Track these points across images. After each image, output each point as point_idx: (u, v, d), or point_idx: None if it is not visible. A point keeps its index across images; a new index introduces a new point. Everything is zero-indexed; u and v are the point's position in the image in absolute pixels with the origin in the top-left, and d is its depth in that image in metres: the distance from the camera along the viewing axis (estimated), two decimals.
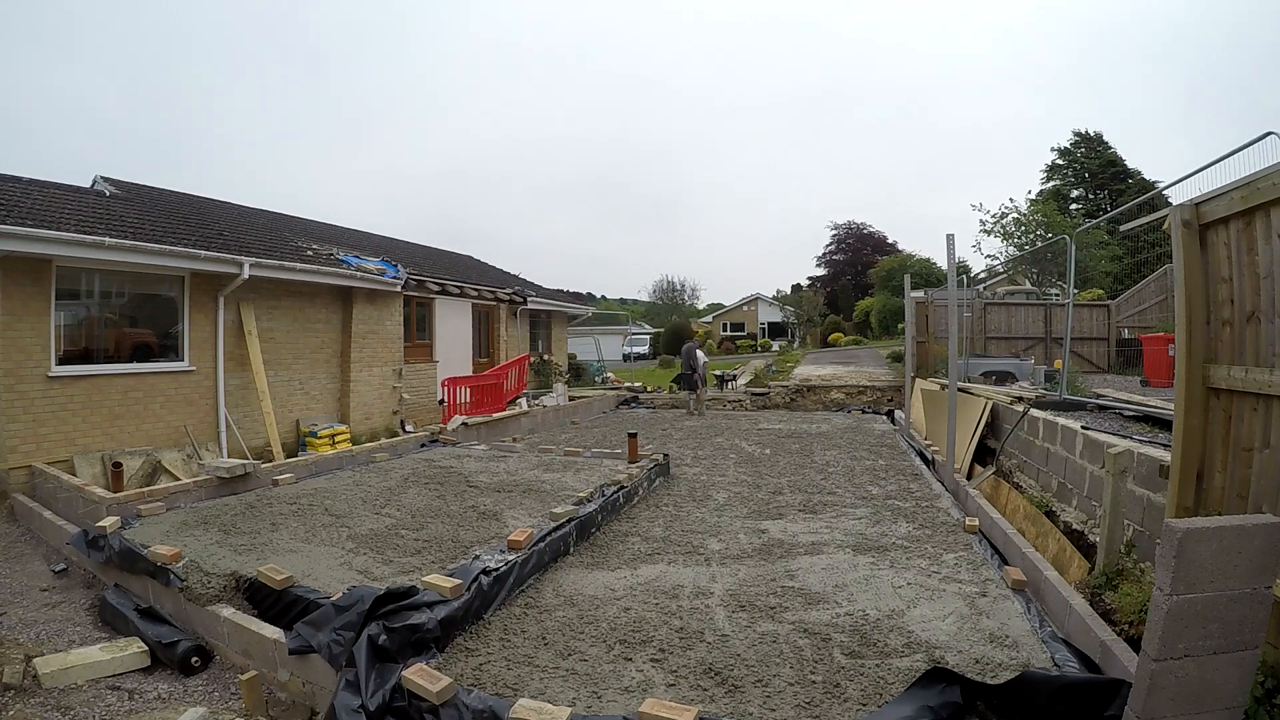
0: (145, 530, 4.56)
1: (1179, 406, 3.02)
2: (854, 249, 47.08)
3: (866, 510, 5.34)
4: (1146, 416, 5.97)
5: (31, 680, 3.05)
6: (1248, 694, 2.02)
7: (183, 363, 7.57)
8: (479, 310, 13.28)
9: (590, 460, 7.11)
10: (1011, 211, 23.61)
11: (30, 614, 3.86)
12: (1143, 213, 7.27)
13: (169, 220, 8.26)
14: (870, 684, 2.63)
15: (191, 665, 3.27)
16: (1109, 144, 35.47)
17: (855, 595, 3.57)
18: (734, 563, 4.13)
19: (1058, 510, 5.62)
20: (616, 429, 10.43)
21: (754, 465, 7.31)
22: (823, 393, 13.51)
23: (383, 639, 2.74)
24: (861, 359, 20.65)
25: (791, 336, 43.11)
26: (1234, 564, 1.87)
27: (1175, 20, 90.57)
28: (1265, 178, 2.56)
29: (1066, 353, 8.47)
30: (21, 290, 6.16)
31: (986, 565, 3.99)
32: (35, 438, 6.21)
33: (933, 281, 25.45)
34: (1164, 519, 2.69)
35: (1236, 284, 2.76)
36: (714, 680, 2.70)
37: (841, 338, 34.60)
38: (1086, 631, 2.82)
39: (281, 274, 8.27)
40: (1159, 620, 1.89)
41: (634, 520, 5.15)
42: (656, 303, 59.47)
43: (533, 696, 2.52)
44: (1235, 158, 4.94)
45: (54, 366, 6.39)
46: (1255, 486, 2.61)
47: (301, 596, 3.34)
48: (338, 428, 9.00)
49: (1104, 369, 14.81)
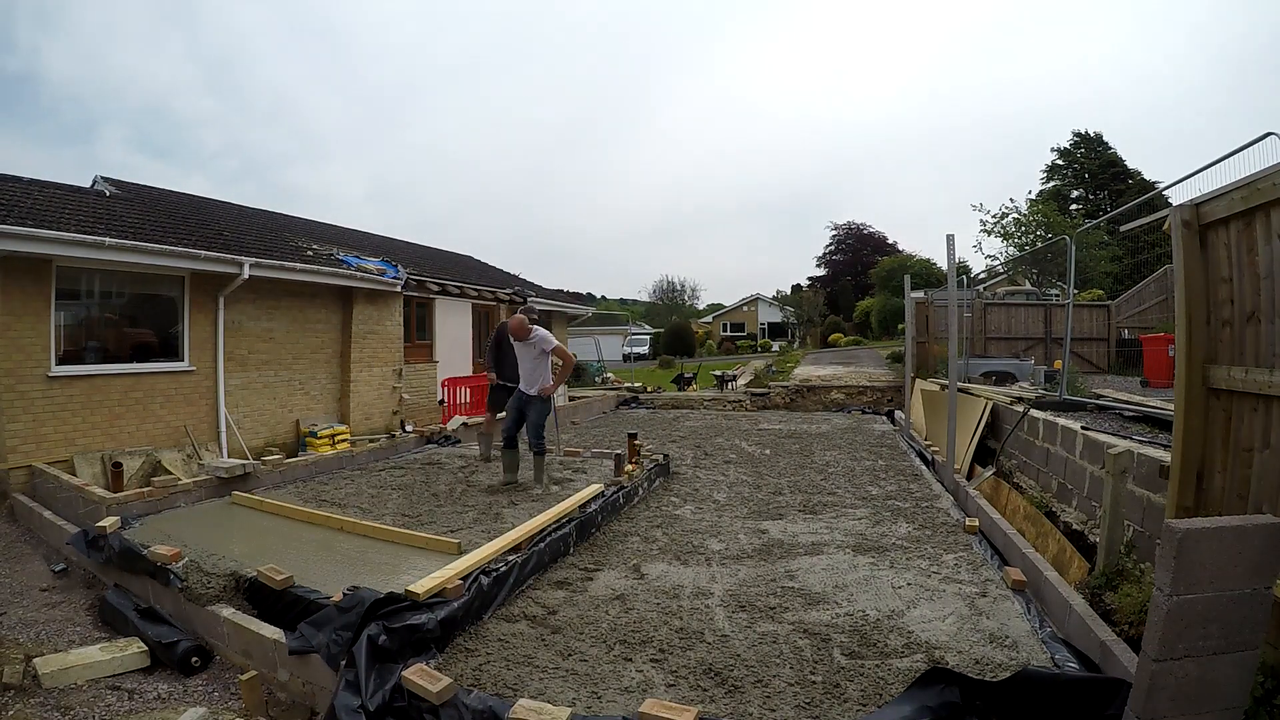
0: (145, 530, 4.57)
1: (1179, 407, 3.02)
2: (854, 249, 47.07)
3: (866, 510, 5.34)
4: (1146, 417, 5.98)
5: (31, 680, 3.05)
6: (1248, 694, 2.02)
7: (183, 363, 7.57)
8: (479, 310, 13.29)
9: (590, 460, 7.11)
10: (1012, 212, 23.64)
11: (30, 614, 3.86)
12: (1143, 213, 7.27)
13: (169, 220, 8.26)
14: (870, 684, 2.63)
15: (191, 665, 3.27)
16: (1109, 144, 35.52)
17: (855, 595, 3.57)
18: (734, 563, 4.13)
19: (1058, 510, 5.62)
20: (616, 429, 10.42)
21: (754, 465, 7.31)
22: (823, 393, 13.51)
23: (382, 639, 2.73)
24: (861, 359, 20.64)
25: (791, 337, 43.13)
26: (1234, 564, 1.87)
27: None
28: (1265, 178, 2.56)
29: (1066, 353, 8.47)
30: (21, 290, 6.16)
31: (986, 565, 3.99)
32: (35, 438, 6.21)
33: (933, 282, 25.44)
34: (1164, 519, 2.68)
35: (1236, 284, 2.76)
36: (714, 680, 2.70)
37: (841, 338, 34.59)
38: (1086, 632, 2.82)
39: (282, 274, 8.27)
40: (1159, 620, 1.89)
41: (634, 520, 5.15)
42: (656, 303, 59.49)
43: (533, 697, 2.52)
44: (1235, 158, 4.94)
45: (54, 366, 6.38)
46: (1255, 487, 2.61)
47: (302, 597, 3.34)
48: (338, 428, 8.99)
49: (1104, 369, 14.82)
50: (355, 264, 9.76)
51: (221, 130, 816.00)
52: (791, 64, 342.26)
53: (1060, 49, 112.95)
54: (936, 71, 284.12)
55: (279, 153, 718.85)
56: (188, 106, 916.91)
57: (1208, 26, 78.04)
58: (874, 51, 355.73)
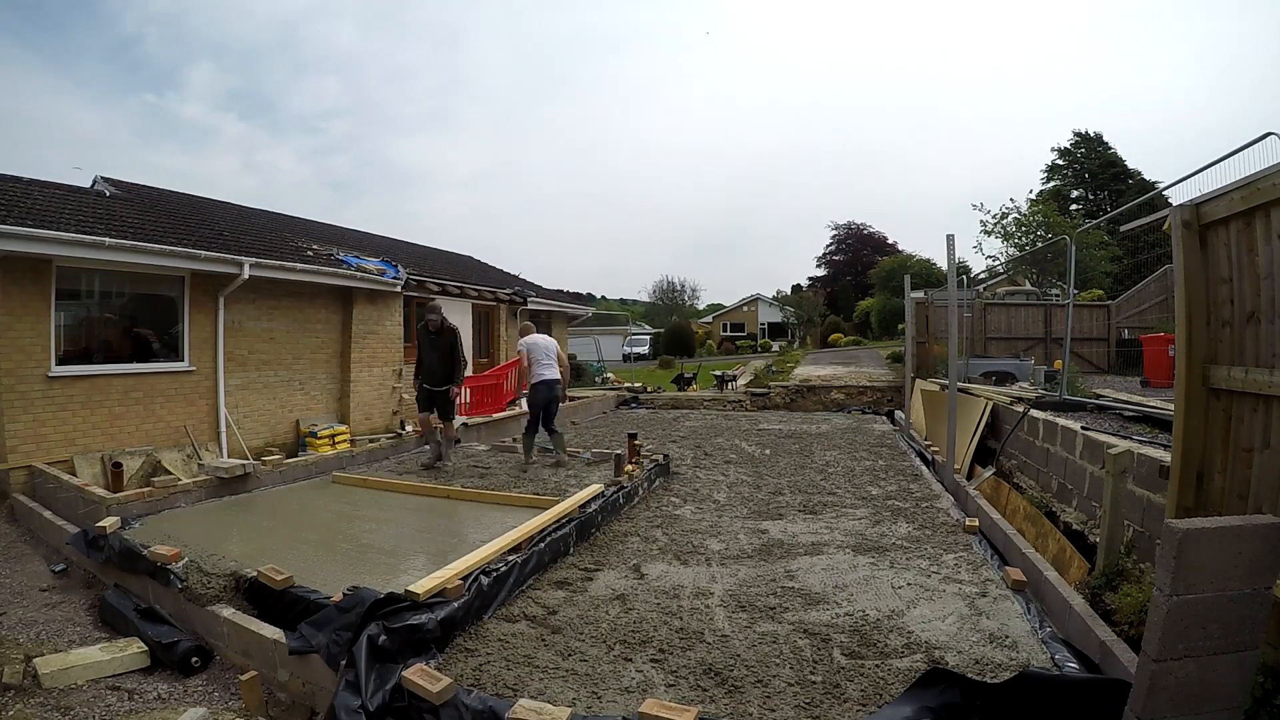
0: (145, 530, 4.57)
1: (1179, 407, 3.02)
2: (854, 249, 47.11)
3: (866, 510, 5.34)
4: (1146, 417, 5.98)
5: (31, 680, 3.05)
6: (1248, 694, 2.02)
7: (183, 363, 7.57)
8: (479, 310, 13.29)
9: (590, 460, 7.11)
10: (1012, 212, 23.64)
11: (30, 614, 3.86)
12: (1143, 213, 7.27)
13: (169, 220, 8.26)
14: (870, 684, 2.63)
15: (191, 665, 3.26)
16: (1109, 144, 35.51)
17: (855, 595, 3.57)
18: (734, 563, 4.13)
19: (1058, 510, 5.62)
20: (616, 429, 10.42)
21: (754, 465, 7.31)
22: (823, 393, 13.51)
23: (383, 639, 2.73)
24: (861, 359, 20.65)
25: (791, 337, 43.13)
26: (1234, 564, 1.87)
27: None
28: (1265, 178, 2.56)
29: (1067, 353, 8.47)
30: (21, 290, 6.16)
31: (986, 565, 3.99)
32: (35, 438, 6.21)
33: (933, 282, 25.44)
34: (1164, 519, 2.68)
35: (1237, 284, 2.76)
36: (714, 680, 2.70)
37: (841, 338, 34.60)
38: (1086, 632, 2.82)
39: (282, 274, 8.27)
40: (1159, 621, 1.89)
41: (634, 520, 5.15)
42: (656, 303, 59.48)
43: (533, 697, 2.52)
44: (1235, 158, 4.94)
45: (54, 366, 6.39)
46: (1255, 487, 2.61)
47: (302, 597, 3.34)
48: (338, 428, 9.00)
49: (1104, 369, 14.82)
50: (355, 264, 9.76)
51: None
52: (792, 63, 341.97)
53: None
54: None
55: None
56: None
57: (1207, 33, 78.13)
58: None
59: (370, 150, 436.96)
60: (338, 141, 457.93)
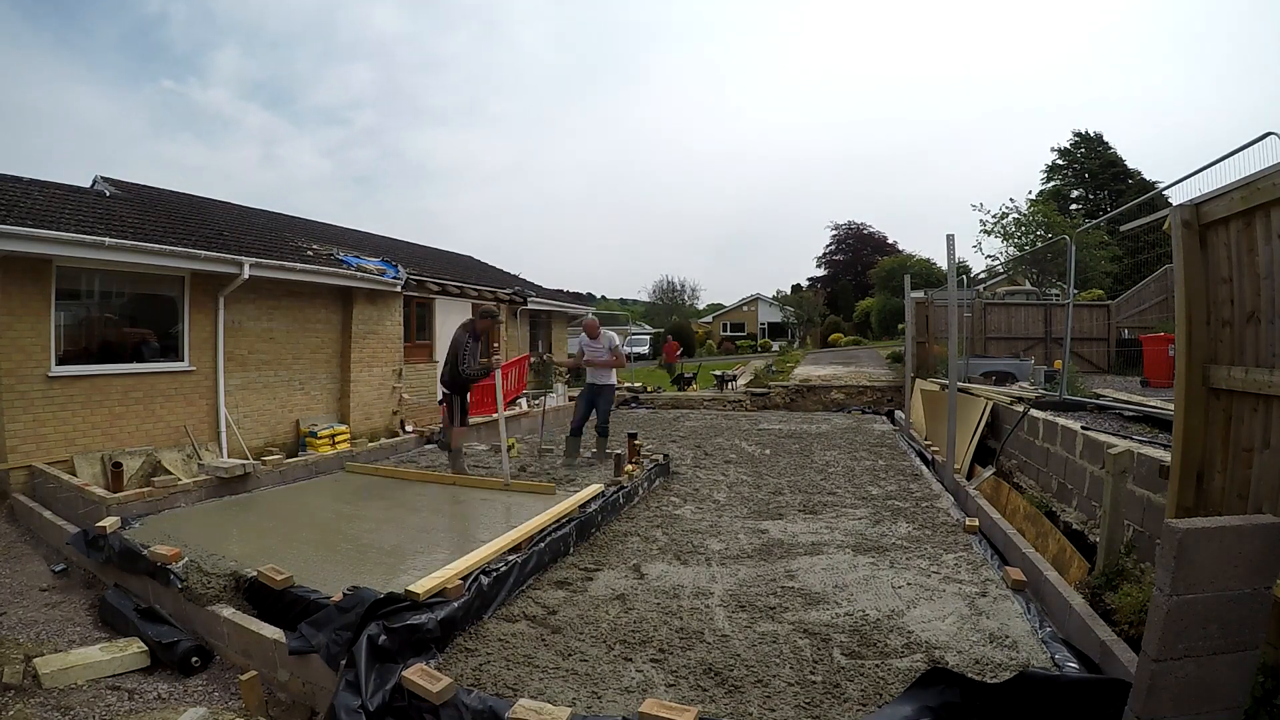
0: (145, 530, 4.57)
1: (1179, 407, 3.02)
2: (854, 249, 47.09)
3: (866, 510, 5.34)
4: (1146, 417, 5.98)
5: (31, 680, 3.05)
6: (1248, 694, 2.02)
7: (183, 363, 7.57)
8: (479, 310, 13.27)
9: (590, 460, 7.11)
10: (1012, 212, 23.62)
11: (30, 614, 3.86)
12: (1143, 213, 7.26)
13: (169, 220, 8.26)
14: (870, 684, 2.63)
15: (191, 665, 3.26)
16: (1109, 144, 35.51)
17: (855, 595, 3.57)
18: (734, 563, 4.13)
19: (1058, 510, 5.62)
20: (616, 429, 10.41)
21: (754, 465, 7.31)
22: (823, 393, 13.51)
23: (382, 639, 2.73)
24: (861, 359, 20.65)
25: (791, 337, 43.13)
26: (1234, 564, 1.87)
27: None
28: (1265, 178, 2.56)
29: (1067, 353, 8.47)
30: (21, 290, 6.15)
31: (986, 565, 3.99)
32: (35, 438, 6.21)
33: (933, 282, 25.43)
34: (1164, 519, 2.68)
35: (1236, 284, 2.76)
36: (714, 680, 2.70)
37: (841, 338, 34.59)
38: (1086, 632, 2.82)
39: (281, 274, 8.27)
40: (1159, 620, 1.89)
41: (634, 520, 5.15)
42: (656, 303, 59.43)
43: (533, 697, 2.52)
44: (1235, 158, 4.94)
45: (54, 366, 6.38)
46: (1255, 487, 2.61)
47: (301, 597, 3.34)
48: (338, 428, 9.00)
49: (1104, 369, 14.82)
50: (355, 264, 9.76)
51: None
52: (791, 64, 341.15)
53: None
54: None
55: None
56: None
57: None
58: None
59: (393, 143, 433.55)
60: (360, 135, 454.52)
